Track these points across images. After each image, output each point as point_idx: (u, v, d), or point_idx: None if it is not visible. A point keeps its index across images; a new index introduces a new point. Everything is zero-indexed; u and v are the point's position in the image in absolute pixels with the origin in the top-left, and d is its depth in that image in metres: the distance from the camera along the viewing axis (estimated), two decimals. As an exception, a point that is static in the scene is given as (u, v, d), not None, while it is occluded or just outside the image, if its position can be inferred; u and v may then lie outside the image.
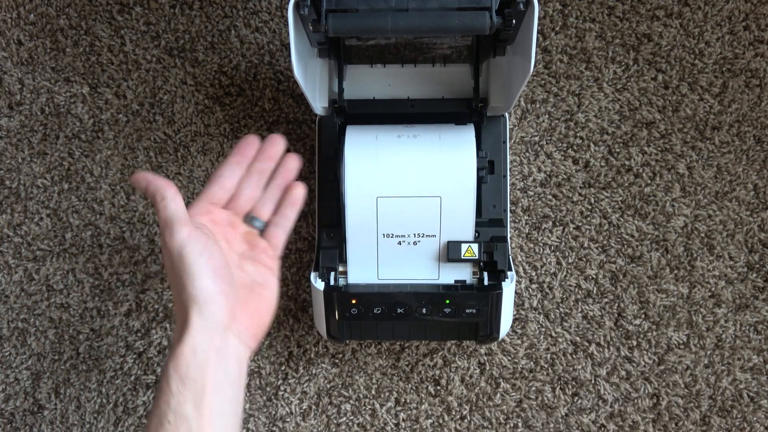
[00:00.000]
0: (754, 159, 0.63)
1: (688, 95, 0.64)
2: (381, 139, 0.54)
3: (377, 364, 0.64)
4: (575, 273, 0.64)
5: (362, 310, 0.54)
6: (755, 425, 0.62)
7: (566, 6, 0.64)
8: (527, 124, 0.64)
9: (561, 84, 0.64)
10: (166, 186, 0.41)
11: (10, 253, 0.66)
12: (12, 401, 0.66)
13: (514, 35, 0.49)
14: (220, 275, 0.41)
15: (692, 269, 0.63)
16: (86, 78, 0.66)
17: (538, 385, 0.63)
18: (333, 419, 0.64)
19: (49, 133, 0.66)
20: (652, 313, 0.63)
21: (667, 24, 0.64)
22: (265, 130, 0.65)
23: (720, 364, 0.63)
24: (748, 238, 0.63)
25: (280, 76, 0.66)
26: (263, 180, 0.49)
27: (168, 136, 0.66)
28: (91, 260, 0.66)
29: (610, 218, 0.64)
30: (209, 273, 0.40)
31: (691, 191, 0.63)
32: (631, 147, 0.64)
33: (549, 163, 0.64)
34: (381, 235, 0.55)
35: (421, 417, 0.64)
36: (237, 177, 0.48)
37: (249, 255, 0.46)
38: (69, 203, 0.66)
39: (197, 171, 0.65)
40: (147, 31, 0.66)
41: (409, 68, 0.59)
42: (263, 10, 0.66)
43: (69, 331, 0.66)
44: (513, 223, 0.64)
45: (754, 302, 0.63)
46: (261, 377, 0.65)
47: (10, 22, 0.67)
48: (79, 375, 0.65)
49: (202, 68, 0.66)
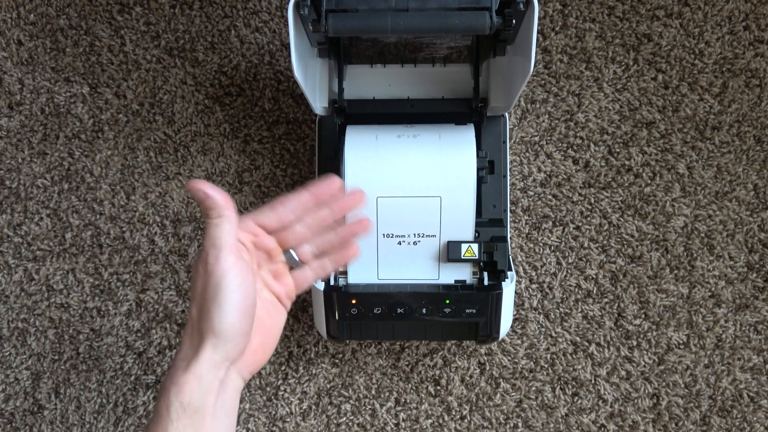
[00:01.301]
0: (754, 159, 0.63)
1: (688, 95, 0.64)
2: (381, 139, 0.54)
3: (377, 364, 0.64)
4: (575, 273, 0.64)
5: (362, 310, 0.54)
6: (755, 425, 0.62)
7: (566, 6, 0.64)
8: (527, 124, 0.64)
9: (561, 84, 0.64)
10: (224, 204, 0.39)
11: (10, 253, 0.66)
12: (12, 401, 0.66)
13: (514, 35, 0.49)
14: (248, 314, 0.40)
15: (692, 269, 0.63)
16: (86, 78, 0.66)
17: (538, 385, 0.63)
18: (333, 419, 0.64)
19: (49, 133, 0.66)
20: (652, 313, 0.63)
21: (667, 24, 0.64)
22: (265, 130, 0.65)
23: (720, 364, 0.63)
24: (748, 238, 0.63)
25: (280, 76, 0.66)
26: (322, 227, 0.45)
27: (168, 136, 0.66)
28: (91, 260, 0.66)
29: (610, 218, 0.64)
30: (239, 310, 0.39)
31: (691, 191, 0.63)
32: (631, 147, 0.64)
33: (549, 163, 0.64)
34: (381, 235, 0.55)
35: (421, 417, 0.64)
36: (299, 213, 0.44)
37: (271, 286, 0.45)
38: (69, 203, 0.66)
39: (197, 171, 0.65)
40: (147, 31, 0.66)
41: (409, 68, 0.59)
42: (263, 10, 0.66)
43: (69, 331, 0.66)
44: (513, 223, 0.64)
45: (754, 302, 0.63)
46: (261, 377, 0.65)
47: (10, 22, 0.67)
48: (79, 375, 0.65)
49: (202, 68, 0.66)
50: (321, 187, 0.44)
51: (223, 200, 0.39)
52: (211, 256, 0.39)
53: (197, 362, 0.38)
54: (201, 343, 0.38)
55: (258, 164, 0.65)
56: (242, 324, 0.39)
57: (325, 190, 0.44)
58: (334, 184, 0.44)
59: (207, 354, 0.38)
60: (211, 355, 0.38)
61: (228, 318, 0.38)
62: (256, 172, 0.65)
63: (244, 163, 0.65)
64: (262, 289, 0.44)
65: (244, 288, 0.39)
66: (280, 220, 0.44)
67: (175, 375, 0.38)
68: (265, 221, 0.43)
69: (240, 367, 0.41)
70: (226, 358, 0.39)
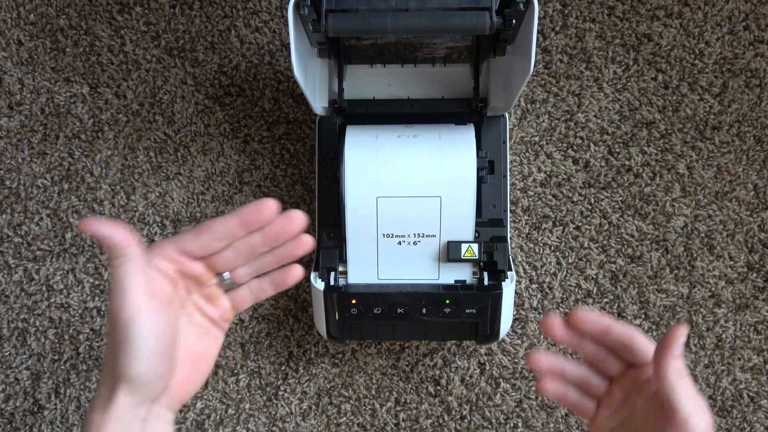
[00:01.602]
0: (754, 159, 0.63)
1: (688, 95, 0.64)
2: (381, 139, 0.54)
3: (377, 364, 0.64)
4: (575, 273, 0.64)
5: (362, 310, 0.54)
6: (755, 425, 0.62)
7: (566, 6, 0.64)
8: (527, 124, 0.64)
9: (561, 84, 0.64)
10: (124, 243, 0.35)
11: (10, 253, 0.66)
12: (12, 401, 0.66)
13: (514, 35, 0.49)
14: (165, 354, 0.36)
15: (692, 269, 0.63)
16: (86, 78, 0.66)
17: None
18: (333, 419, 0.64)
19: (49, 133, 0.66)
20: (652, 313, 0.63)
21: (667, 24, 0.64)
22: (265, 130, 0.65)
23: (720, 364, 0.63)
24: (748, 238, 0.63)
25: (280, 76, 0.66)
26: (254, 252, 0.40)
27: (168, 136, 0.66)
28: (91, 260, 0.66)
29: (610, 218, 0.64)
30: (153, 355, 0.35)
31: (691, 191, 0.63)
32: (631, 147, 0.64)
33: (549, 163, 0.64)
34: (381, 235, 0.55)
35: (421, 417, 0.64)
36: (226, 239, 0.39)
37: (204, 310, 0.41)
38: (69, 203, 0.66)
39: (197, 171, 0.65)
40: (147, 31, 0.66)
41: (409, 68, 0.59)
42: (263, 10, 0.66)
43: (69, 331, 0.66)
44: (513, 223, 0.64)
45: (754, 302, 0.63)
46: (261, 377, 0.65)
47: (10, 22, 0.67)
48: (79, 375, 0.65)
49: (202, 68, 0.66)
50: (249, 212, 0.39)
51: (121, 238, 0.35)
52: (115, 300, 0.35)
53: (114, 405, 0.35)
54: (115, 385, 0.35)
55: (258, 164, 0.65)
56: (159, 367, 0.36)
57: (254, 215, 0.39)
58: (266, 208, 0.38)
59: (122, 397, 0.35)
60: (127, 398, 0.35)
61: (140, 365, 0.35)
62: (256, 172, 0.65)
63: (244, 163, 0.65)
64: (194, 314, 0.40)
65: (158, 330, 0.36)
66: (206, 248, 0.39)
67: (94, 416, 0.35)
68: (190, 248, 0.39)
69: (165, 401, 0.38)
70: (146, 398, 0.36)
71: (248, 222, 0.39)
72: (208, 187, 0.65)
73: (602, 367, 0.41)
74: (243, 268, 0.41)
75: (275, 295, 0.63)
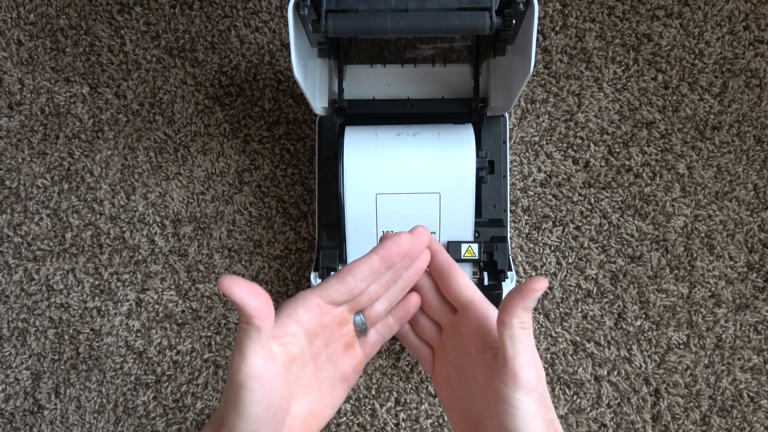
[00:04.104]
0: (754, 159, 0.63)
1: (688, 95, 0.64)
2: (380, 136, 0.54)
3: (377, 364, 0.64)
4: (575, 273, 0.64)
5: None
6: (755, 425, 0.62)
7: (566, 6, 0.64)
8: (527, 124, 0.64)
9: (561, 84, 0.64)
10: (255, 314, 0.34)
11: (10, 253, 0.66)
12: (12, 401, 0.66)
13: (514, 35, 0.49)
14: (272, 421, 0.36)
15: (692, 269, 0.63)
16: (86, 78, 0.66)
17: (538, 385, 0.63)
18: (333, 419, 0.64)
19: (49, 133, 0.66)
20: (652, 313, 0.63)
21: (667, 24, 0.64)
22: (265, 130, 0.65)
23: (720, 364, 0.63)
24: (748, 238, 0.63)
25: (280, 76, 0.66)
26: (394, 280, 0.41)
27: (168, 136, 0.66)
28: (91, 260, 0.66)
29: (610, 218, 0.64)
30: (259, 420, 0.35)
31: (691, 191, 0.63)
32: (631, 147, 0.64)
33: (549, 163, 0.64)
34: (381, 232, 0.55)
35: (421, 417, 0.64)
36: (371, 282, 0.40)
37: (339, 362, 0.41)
38: (69, 203, 0.66)
39: (197, 171, 0.65)
40: (147, 31, 0.66)
41: (409, 68, 0.59)
42: (263, 10, 0.66)
43: (69, 331, 0.66)
44: (513, 223, 0.64)
45: (754, 302, 0.63)
46: (261, 377, 0.65)
47: (10, 22, 0.67)
48: (79, 375, 0.65)
49: (202, 68, 0.66)
50: (389, 248, 0.39)
51: (254, 308, 0.34)
52: (233, 359, 0.35)
53: None
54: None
55: (258, 164, 0.65)
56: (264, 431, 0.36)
57: (394, 250, 0.39)
58: (404, 242, 0.39)
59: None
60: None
61: (245, 427, 0.35)
62: (256, 172, 0.65)
63: (244, 163, 0.65)
64: (324, 369, 0.41)
65: (268, 399, 0.35)
66: (350, 292, 0.39)
67: None
68: (335, 296, 0.39)
69: None
70: None
71: (390, 258, 0.39)
72: (208, 187, 0.65)
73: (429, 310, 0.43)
74: (378, 304, 0.41)
75: (275, 295, 0.64)
